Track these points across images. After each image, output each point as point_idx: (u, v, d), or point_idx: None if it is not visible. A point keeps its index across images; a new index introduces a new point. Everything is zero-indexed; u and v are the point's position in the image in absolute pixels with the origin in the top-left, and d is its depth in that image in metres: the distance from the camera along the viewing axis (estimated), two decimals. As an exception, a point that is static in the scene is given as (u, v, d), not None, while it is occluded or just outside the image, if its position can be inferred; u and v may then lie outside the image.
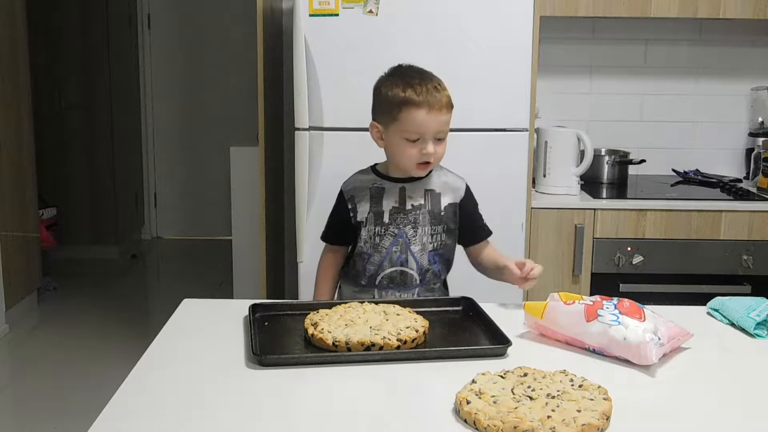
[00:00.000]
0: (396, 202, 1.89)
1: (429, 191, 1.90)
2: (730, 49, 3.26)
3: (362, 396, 1.32)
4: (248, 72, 3.87)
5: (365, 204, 1.91)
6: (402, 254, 1.88)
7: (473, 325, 1.63)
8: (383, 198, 1.89)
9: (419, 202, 1.88)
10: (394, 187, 1.90)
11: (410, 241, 1.88)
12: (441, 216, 1.89)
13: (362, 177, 1.95)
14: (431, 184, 1.90)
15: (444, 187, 1.91)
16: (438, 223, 1.89)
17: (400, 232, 1.88)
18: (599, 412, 1.18)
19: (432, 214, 1.88)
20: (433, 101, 1.78)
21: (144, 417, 1.23)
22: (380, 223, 1.89)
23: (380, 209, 1.89)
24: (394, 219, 1.88)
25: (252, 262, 3.29)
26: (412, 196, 1.89)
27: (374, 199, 1.90)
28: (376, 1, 2.50)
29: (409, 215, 1.88)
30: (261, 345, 1.46)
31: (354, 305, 1.63)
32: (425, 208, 1.88)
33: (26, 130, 4.08)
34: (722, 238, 2.77)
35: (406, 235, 1.88)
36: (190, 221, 5.84)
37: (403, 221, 1.88)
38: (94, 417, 1.21)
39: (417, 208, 1.88)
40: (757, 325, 1.61)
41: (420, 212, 1.88)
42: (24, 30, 4.03)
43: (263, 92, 2.87)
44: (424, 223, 1.88)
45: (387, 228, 1.88)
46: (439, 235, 1.90)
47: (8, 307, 3.83)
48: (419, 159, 1.82)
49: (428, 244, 1.89)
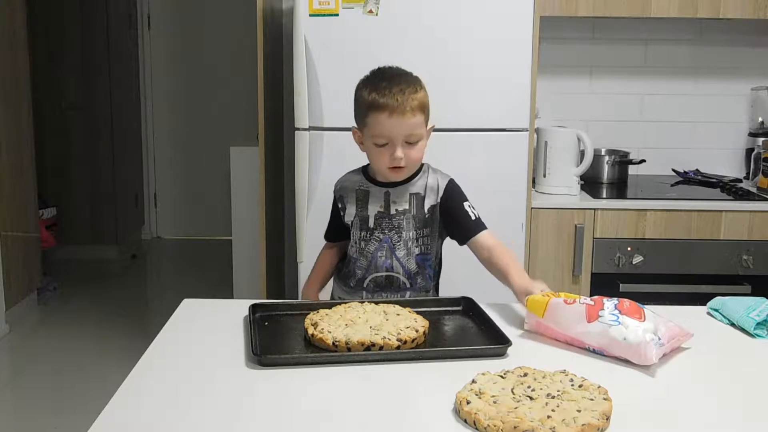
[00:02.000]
0: (381, 207, 1.87)
1: (414, 195, 1.86)
2: (730, 49, 3.26)
3: (362, 396, 1.32)
4: (248, 72, 3.87)
5: (352, 206, 1.90)
6: (387, 259, 1.86)
7: (473, 325, 1.63)
8: (369, 202, 1.88)
9: (404, 207, 1.85)
10: (379, 192, 1.88)
11: (395, 246, 1.86)
12: (426, 219, 1.86)
13: (352, 177, 1.94)
14: (416, 187, 1.86)
15: (427, 190, 1.86)
16: (423, 227, 1.86)
17: (385, 237, 1.86)
18: (599, 412, 1.18)
19: (416, 218, 1.85)
20: (395, 105, 1.74)
21: (144, 417, 1.23)
22: (366, 227, 1.88)
23: (366, 214, 1.88)
24: (379, 224, 1.86)
25: (252, 262, 3.29)
26: (397, 200, 1.86)
27: (360, 202, 1.89)
28: (376, 1, 2.50)
29: (394, 220, 1.85)
30: (261, 345, 1.46)
31: (354, 305, 1.63)
32: (410, 213, 1.85)
33: (26, 131, 4.09)
34: (722, 238, 2.77)
35: (391, 240, 1.85)
36: (190, 221, 5.84)
37: (388, 226, 1.86)
38: (94, 417, 1.21)
39: (401, 213, 1.85)
40: (757, 325, 1.61)
41: (404, 217, 1.85)
42: (24, 30, 4.03)
43: (263, 92, 2.87)
44: (408, 228, 1.85)
45: (372, 233, 1.87)
46: (425, 239, 1.87)
47: (8, 307, 3.83)
48: (390, 164, 1.78)
49: (414, 248, 1.86)
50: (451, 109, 2.55)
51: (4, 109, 3.81)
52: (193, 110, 5.71)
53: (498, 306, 1.74)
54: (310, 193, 2.57)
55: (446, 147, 2.54)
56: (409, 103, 1.75)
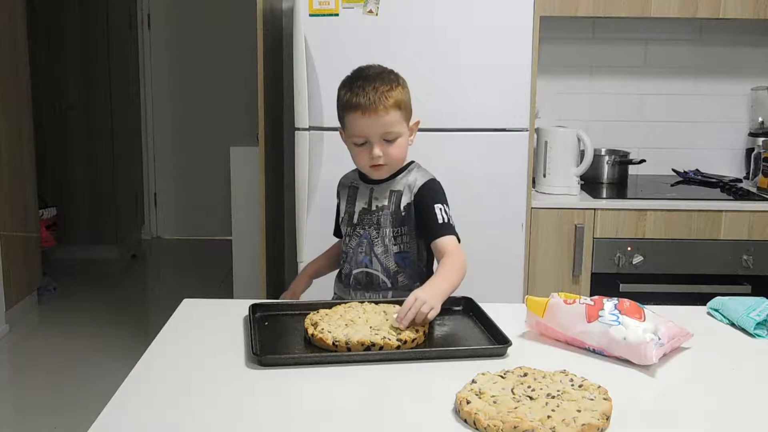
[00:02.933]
0: (365, 203, 1.88)
1: (394, 192, 1.86)
2: (730, 49, 3.26)
3: (362, 396, 1.32)
4: (248, 72, 3.87)
5: (344, 202, 1.93)
6: (366, 256, 1.87)
7: (473, 325, 1.63)
8: (357, 199, 1.90)
9: (383, 203, 1.86)
10: (365, 188, 1.89)
11: (373, 242, 1.86)
12: (402, 217, 1.85)
13: (349, 174, 1.97)
14: (397, 185, 1.86)
15: (406, 187, 1.86)
16: (400, 224, 1.85)
17: (365, 233, 1.87)
18: (599, 412, 1.18)
19: (394, 215, 1.85)
20: (367, 103, 1.74)
21: (144, 417, 1.23)
22: (351, 223, 1.90)
23: (353, 210, 1.90)
24: (361, 220, 1.88)
25: (252, 262, 3.29)
26: (378, 197, 1.87)
27: (350, 198, 1.92)
28: (376, 1, 2.50)
29: (373, 216, 1.86)
30: (261, 345, 1.46)
31: (354, 305, 1.63)
32: (388, 209, 1.85)
33: (26, 130, 4.08)
34: (722, 238, 2.77)
35: (370, 236, 1.86)
36: (190, 221, 5.84)
37: (368, 222, 1.87)
38: (94, 417, 1.21)
39: (380, 209, 1.86)
40: (757, 325, 1.61)
41: (382, 213, 1.85)
42: (24, 30, 4.03)
43: (263, 92, 2.87)
44: (385, 225, 1.85)
45: (355, 228, 1.89)
46: (402, 237, 1.86)
47: (8, 307, 3.83)
48: (369, 162, 1.80)
49: (392, 246, 1.85)
50: (451, 109, 2.55)
51: (4, 109, 3.81)
52: (193, 110, 5.71)
53: (498, 306, 1.74)
54: (310, 193, 2.57)
55: (446, 147, 2.54)
56: (382, 102, 1.74)
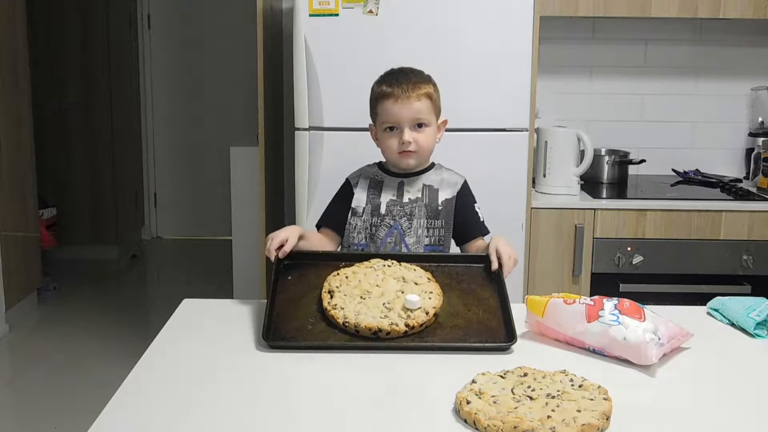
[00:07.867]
0: (394, 195, 1.93)
1: (427, 186, 1.93)
2: (730, 49, 3.26)
3: (362, 396, 1.32)
4: (248, 72, 3.87)
5: (363, 193, 1.95)
6: (396, 245, 1.90)
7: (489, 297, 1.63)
8: (382, 191, 1.94)
9: (416, 195, 1.92)
10: (393, 182, 1.94)
11: (405, 232, 1.90)
12: (438, 211, 1.91)
13: (368, 169, 2.00)
14: (429, 180, 1.94)
15: (442, 183, 1.94)
16: (435, 218, 1.91)
17: (395, 223, 1.91)
18: (599, 412, 1.18)
19: (429, 208, 1.91)
20: (400, 91, 1.84)
21: (144, 417, 1.23)
22: (377, 214, 1.92)
23: (378, 201, 1.93)
24: (390, 211, 1.92)
25: (252, 262, 3.29)
26: (410, 190, 1.93)
27: (373, 190, 1.94)
28: (376, 1, 2.50)
29: (405, 207, 1.91)
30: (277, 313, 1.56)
31: (376, 266, 1.66)
32: (422, 201, 1.91)
33: (26, 130, 4.09)
34: (722, 238, 2.77)
35: (401, 226, 1.90)
36: (190, 221, 5.84)
37: (399, 213, 1.91)
38: (94, 417, 1.21)
39: (414, 201, 1.92)
40: (757, 325, 1.61)
41: (416, 205, 1.91)
42: (24, 30, 4.03)
43: (263, 92, 2.87)
44: (420, 216, 1.90)
45: (383, 219, 1.92)
46: (437, 230, 1.91)
47: (8, 307, 3.83)
48: (399, 148, 1.86)
49: (424, 238, 1.90)
50: (452, 109, 2.53)
51: (4, 109, 3.81)
52: (193, 110, 5.71)
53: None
54: (310, 193, 2.57)
55: (446, 147, 2.53)
56: (415, 91, 1.85)
